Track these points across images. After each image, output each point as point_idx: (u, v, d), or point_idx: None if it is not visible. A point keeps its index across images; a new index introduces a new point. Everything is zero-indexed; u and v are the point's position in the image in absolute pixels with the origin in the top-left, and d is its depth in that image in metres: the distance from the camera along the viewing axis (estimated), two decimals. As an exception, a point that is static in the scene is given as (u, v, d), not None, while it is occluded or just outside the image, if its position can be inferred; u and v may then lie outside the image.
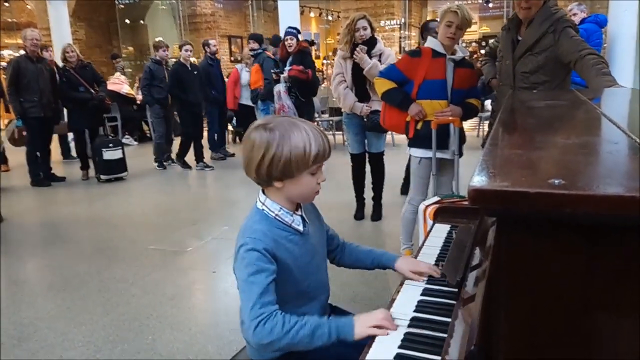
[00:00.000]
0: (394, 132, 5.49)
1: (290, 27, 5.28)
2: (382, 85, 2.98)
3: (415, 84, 2.91)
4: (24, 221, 4.90)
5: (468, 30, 3.05)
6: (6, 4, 14.35)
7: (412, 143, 3.03)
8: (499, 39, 3.13)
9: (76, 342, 2.54)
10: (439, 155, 2.94)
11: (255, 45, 6.85)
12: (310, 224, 1.39)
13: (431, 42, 2.94)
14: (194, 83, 6.80)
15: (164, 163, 7.17)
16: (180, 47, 6.83)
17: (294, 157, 1.22)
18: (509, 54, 2.85)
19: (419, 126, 2.94)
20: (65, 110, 6.85)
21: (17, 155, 7.03)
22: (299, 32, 5.33)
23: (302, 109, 5.26)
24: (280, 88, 5.23)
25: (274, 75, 5.31)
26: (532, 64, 2.73)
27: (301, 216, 1.35)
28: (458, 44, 2.97)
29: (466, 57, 3.01)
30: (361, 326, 1.17)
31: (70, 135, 7.51)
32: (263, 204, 1.32)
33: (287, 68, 5.13)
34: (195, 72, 6.86)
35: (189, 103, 6.72)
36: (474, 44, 12.74)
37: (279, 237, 1.28)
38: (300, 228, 1.33)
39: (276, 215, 1.31)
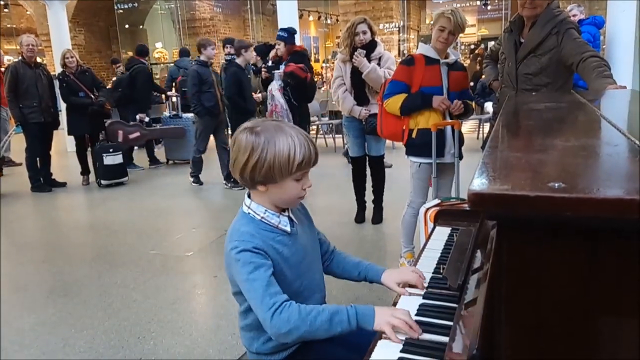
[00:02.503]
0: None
1: (281, 30, 5.04)
2: (395, 103, 2.94)
3: (412, 92, 2.93)
4: (25, 227, 4.90)
5: (467, 32, 3.06)
6: (5, 10, 14.38)
7: (409, 151, 3.05)
8: (501, 41, 3.14)
9: (77, 347, 2.54)
10: (437, 160, 2.95)
11: (232, 50, 6.53)
12: (299, 224, 1.40)
13: (423, 48, 2.96)
14: (250, 90, 5.82)
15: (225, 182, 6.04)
16: (242, 49, 5.67)
17: (278, 163, 1.23)
18: (512, 55, 2.85)
19: (413, 134, 2.95)
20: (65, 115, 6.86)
21: (16, 161, 7.04)
22: (290, 32, 4.99)
23: (294, 113, 4.92)
24: (273, 86, 4.86)
25: (263, 73, 4.91)
26: (535, 66, 2.74)
27: (288, 217, 1.36)
28: (456, 48, 2.98)
29: (458, 60, 3.02)
30: (383, 319, 1.15)
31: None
32: (249, 207, 1.34)
33: (281, 65, 4.89)
34: (249, 77, 5.89)
35: (247, 112, 5.53)
36: (482, 46, 12.73)
37: (266, 238, 1.29)
38: (288, 229, 1.34)
39: (262, 217, 1.32)
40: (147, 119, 7.21)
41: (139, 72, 7.13)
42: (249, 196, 1.35)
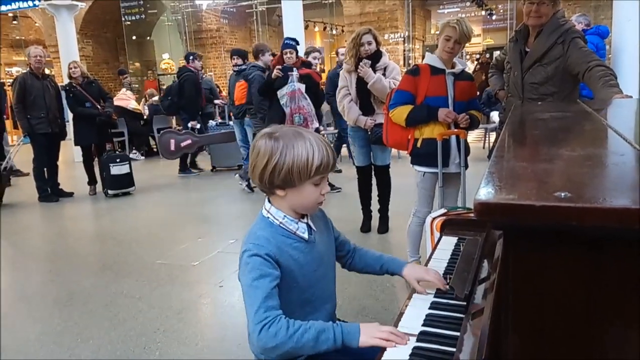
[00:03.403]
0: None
1: (288, 39, 5.07)
2: (401, 114, 2.94)
3: (417, 102, 2.93)
4: (31, 236, 4.92)
5: (472, 42, 3.07)
6: (14, 22, 14.56)
7: (414, 160, 3.06)
8: (506, 50, 3.14)
9: (83, 357, 2.54)
10: (442, 170, 2.95)
11: (239, 61, 6.60)
12: (318, 232, 1.40)
13: (429, 58, 2.96)
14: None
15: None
16: (308, 54, 5.85)
17: (296, 166, 1.24)
18: (518, 65, 2.85)
19: (418, 144, 2.96)
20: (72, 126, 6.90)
21: (24, 171, 7.09)
22: (297, 43, 5.10)
23: None
24: (295, 87, 4.85)
25: (277, 72, 4.85)
26: (541, 75, 2.74)
27: (307, 224, 1.36)
28: (461, 56, 2.99)
29: (465, 70, 3.03)
30: (367, 335, 1.17)
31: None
32: (268, 211, 1.35)
33: (294, 69, 4.90)
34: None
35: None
36: (487, 55, 12.74)
37: (283, 244, 1.30)
38: (305, 236, 1.34)
39: (280, 222, 1.32)
40: (198, 126, 7.29)
41: (186, 80, 7.23)
42: (269, 200, 1.36)
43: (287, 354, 1.20)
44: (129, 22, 13.12)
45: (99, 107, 6.32)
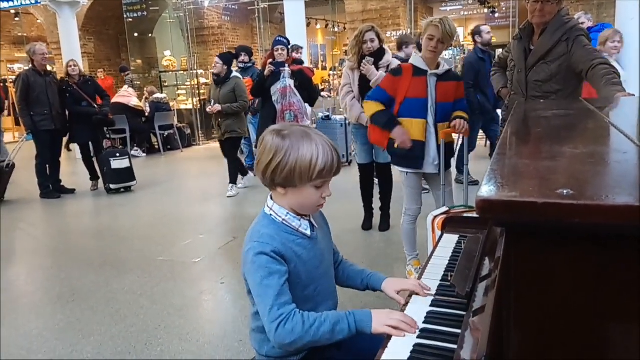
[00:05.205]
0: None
1: (280, 37, 5.14)
2: (370, 109, 2.96)
3: (397, 102, 2.90)
4: (33, 233, 4.93)
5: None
6: (16, 19, 14.56)
7: (393, 160, 3.08)
8: (509, 48, 3.13)
9: (85, 353, 2.55)
10: (419, 171, 2.97)
11: (246, 58, 6.64)
12: (319, 230, 1.41)
13: (414, 59, 2.93)
14: None
15: None
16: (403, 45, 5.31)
17: (299, 167, 1.24)
18: (522, 62, 2.85)
19: (395, 145, 2.92)
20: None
21: (25, 168, 7.09)
22: (289, 42, 5.18)
23: None
24: (287, 83, 4.84)
25: (267, 69, 4.86)
26: (545, 73, 2.74)
27: (309, 221, 1.37)
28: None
29: (452, 70, 3.00)
30: (379, 322, 1.20)
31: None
32: (271, 209, 1.35)
33: (286, 65, 4.91)
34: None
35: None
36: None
37: (286, 240, 1.30)
38: (308, 232, 1.35)
39: (283, 219, 1.33)
40: None
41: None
42: (271, 197, 1.37)
43: (304, 347, 1.23)
44: (130, 19, 13.08)
45: (95, 105, 6.32)
